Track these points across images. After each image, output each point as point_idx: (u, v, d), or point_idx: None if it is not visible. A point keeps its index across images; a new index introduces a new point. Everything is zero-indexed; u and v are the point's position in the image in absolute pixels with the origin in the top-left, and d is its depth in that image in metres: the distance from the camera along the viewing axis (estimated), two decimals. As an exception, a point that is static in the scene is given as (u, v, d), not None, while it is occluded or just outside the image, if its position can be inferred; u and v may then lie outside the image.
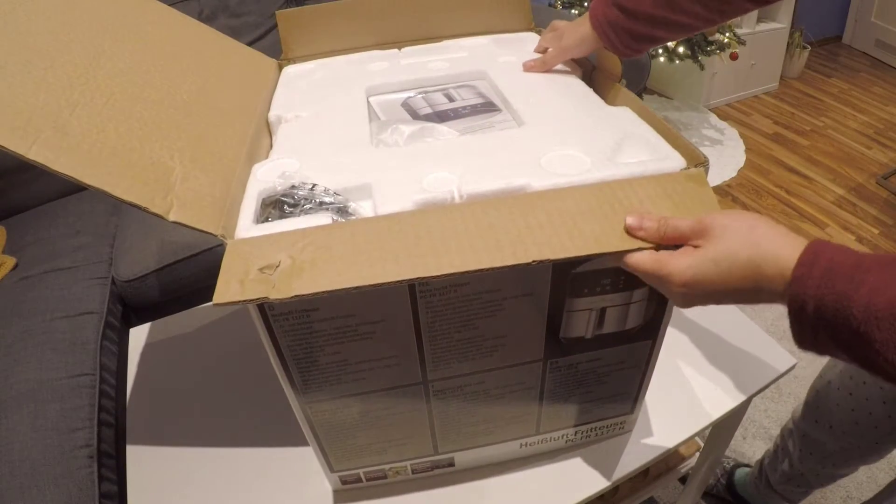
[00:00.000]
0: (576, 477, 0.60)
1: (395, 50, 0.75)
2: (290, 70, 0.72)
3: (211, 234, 0.42)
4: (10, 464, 0.79)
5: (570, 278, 0.44)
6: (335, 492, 0.60)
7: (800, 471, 0.91)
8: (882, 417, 0.74)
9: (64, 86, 0.44)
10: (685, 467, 0.89)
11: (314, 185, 0.48)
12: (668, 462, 0.90)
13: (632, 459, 0.61)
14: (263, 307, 0.41)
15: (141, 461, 0.64)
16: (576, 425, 0.59)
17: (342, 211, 0.46)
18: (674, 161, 0.48)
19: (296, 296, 0.36)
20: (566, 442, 0.61)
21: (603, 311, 0.48)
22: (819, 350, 0.36)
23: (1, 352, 0.94)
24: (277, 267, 0.38)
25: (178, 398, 0.71)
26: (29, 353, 0.94)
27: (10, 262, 1.13)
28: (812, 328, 0.34)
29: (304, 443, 0.55)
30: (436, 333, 0.46)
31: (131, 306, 1.15)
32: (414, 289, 0.42)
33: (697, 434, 0.64)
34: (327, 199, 0.47)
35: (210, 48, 0.64)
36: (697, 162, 0.46)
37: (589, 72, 0.68)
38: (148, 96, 0.49)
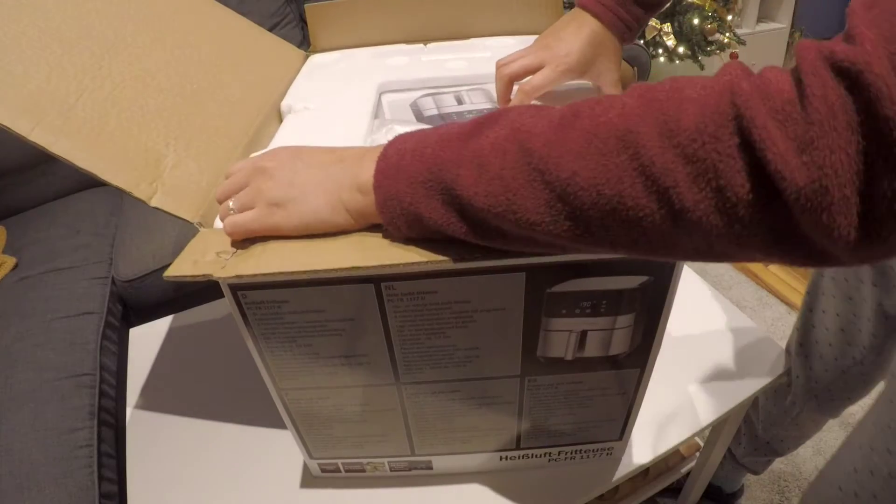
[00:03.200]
0: (576, 477, 0.60)
1: (421, 45, 0.74)
2: (314, 59, 0.72)
3: (188, 221, 0.43)
4: (10, 464, 0.79)
5: (545, 297, 0.43)
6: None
7: (765, 439, 0.90)
8: (830, 356, 0.74)
9: (77, 72, 0.45)
10: (685, 467, 0.89)
11: None
12: (668, 462, 0.90)
13: (632, 459, 0.61)
14: (237, 296, 0.42)
15: (141, 461, 0.64)
16: (558, 445, 0.58)
17: None
18: None
19: (237, 275, 0.38)
20: (549, 460, 0.60)
21: (584, 333, 0.46)
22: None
23: (1, 352, 0.94)
24: (234, 253, 0.40)
25: (178, 398, 0.71)
26: (29, 353, 0.94)
27: (10, 262, 1.13)
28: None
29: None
30: (406, 338, 0.46)
31: (131, 306, 1.15)
32: (380, 291, 0.42)
33: (697, 434, 0.64)
34: None
35: (237, 38, 0.64)
36: None
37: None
38: (158, 84, 0.50)
